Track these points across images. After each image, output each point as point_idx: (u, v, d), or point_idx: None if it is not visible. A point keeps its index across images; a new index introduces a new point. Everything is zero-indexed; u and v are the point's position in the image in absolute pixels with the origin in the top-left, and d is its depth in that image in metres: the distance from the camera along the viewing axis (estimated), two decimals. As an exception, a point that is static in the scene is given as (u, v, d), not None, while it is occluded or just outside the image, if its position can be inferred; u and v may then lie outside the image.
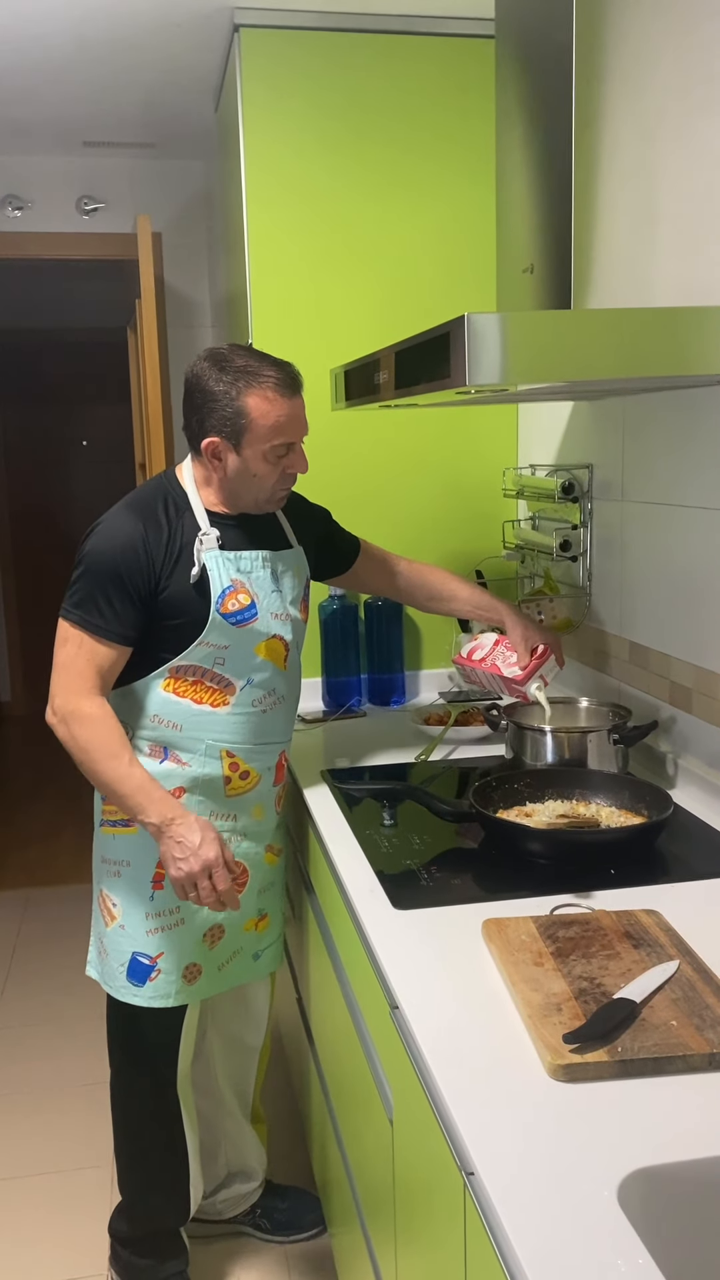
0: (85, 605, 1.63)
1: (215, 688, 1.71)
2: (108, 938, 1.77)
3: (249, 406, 1.63)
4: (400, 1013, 1.17)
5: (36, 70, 2.70)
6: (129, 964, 1.75)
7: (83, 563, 1.65)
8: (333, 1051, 1.76)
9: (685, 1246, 0.87)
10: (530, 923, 1.29)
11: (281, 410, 1.65)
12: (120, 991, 1.76)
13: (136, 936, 1.74)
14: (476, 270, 2.43)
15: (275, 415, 1.64)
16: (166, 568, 1.66)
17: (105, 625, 1.63)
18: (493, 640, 1.99)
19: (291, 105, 2.33)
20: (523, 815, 1.67)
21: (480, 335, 1.21)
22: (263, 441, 1.65)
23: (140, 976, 1.74)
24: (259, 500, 1.72)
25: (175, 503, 1.71)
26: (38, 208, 3.61)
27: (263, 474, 1.68)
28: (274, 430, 1.64)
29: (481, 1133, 0.94)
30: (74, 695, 1.63)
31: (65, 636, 1.65)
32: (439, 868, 1.53)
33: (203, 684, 1.71)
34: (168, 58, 2.62)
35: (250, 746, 1.75)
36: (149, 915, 1.73)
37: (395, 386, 1.52)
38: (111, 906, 1.76)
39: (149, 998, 1.75)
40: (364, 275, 2.41)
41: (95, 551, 1.64)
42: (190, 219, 3.72)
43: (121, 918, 1.75)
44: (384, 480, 2.50)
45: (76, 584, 1.65)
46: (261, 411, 1.63)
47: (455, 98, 2.37)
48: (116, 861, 1.75)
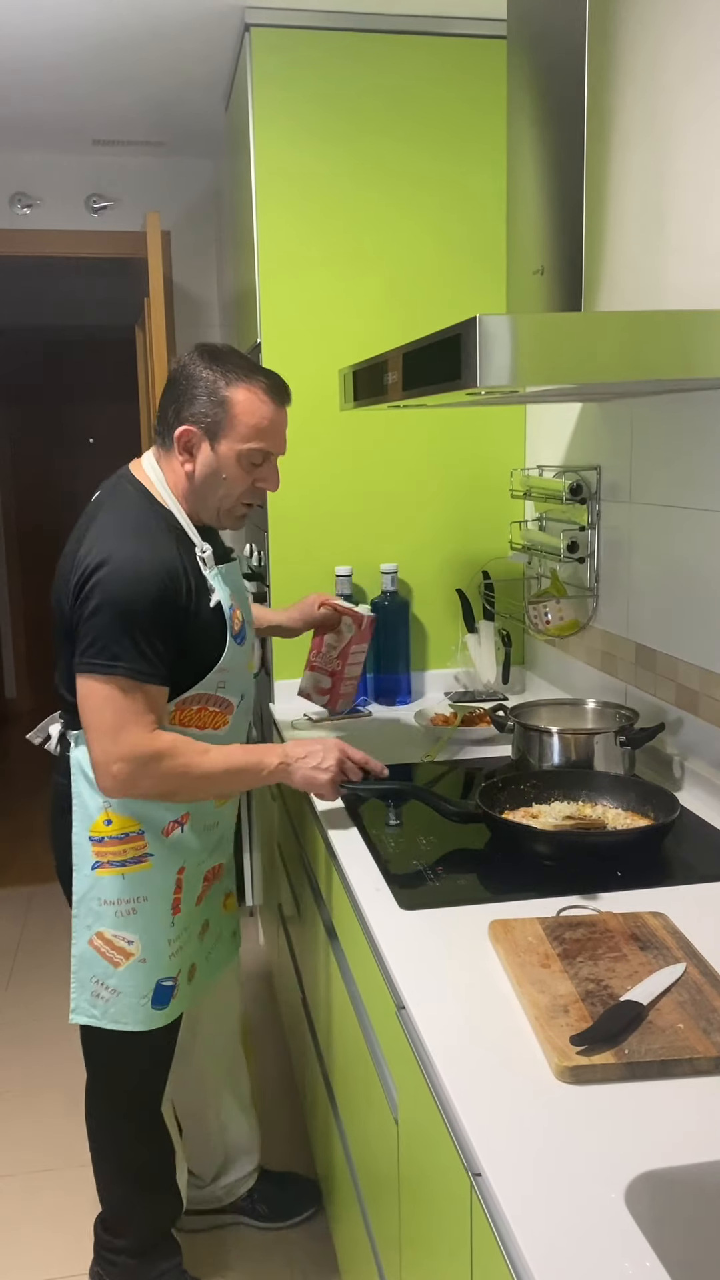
0: (124, 654, 1.50)
1: (217, 710, 1.69)
2: (119, 978, 1.69)
3: (235, 398, 1.57)
4: (407, 1013, 1.17)
5: (47, 68, 2.70)
6: (154, 993, 1.70)
7: (103, 609, 1.50)
8: (338, 1051, 1.76)
9: (693, 1249, 0.87)
10: (537, 924, 1.29)
11: (267, 412, 1.60)
12: (142, 1023, 1.70)
13: (159, 965, 1.70)
14: (486, 272, 2.43)
15: (260, 415, 1.59)
16: (191, 595, 1.59)
17: (151, 670, 1.53)
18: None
19: (302, 105, 2.33)
20: (529, 816, 1.67)
21: (491, 337, 1.21)
22: (241, 440, 1.59)
23: (164, 1000, 1.72)
24: (220, 509, 1.65)
25: (168, 522, 1.63)
26: (47, 205, 3.61)
27: (232, 478, 1.61)
28: (255, 431, 1.59)
29: (488, 1134, 0.94)
30: (143, 745, 1.53)
31: (108, 694, 1.51)
32: (445, 868, 1.53)
33: (206, 709, 1.67)
34: (178, 56, 2.62)
35: None
36: (170, 941, 1.71)
37: (404, 387, 1.52)
38: (125, 945, 1.68)
39: (170, 1015, 1.74)
40: (373, 275, 2.41)
41: (120, 593, 1.50)
42: (199, 217, 3.73)
43: (141, 952, 1.69)
44: (391, 481, 2.50)
45: (101, 633, 1.50)
46: (247, 407, 1.58)
47: (466, 98, 2.37)
48: (129, 900, 1.67)
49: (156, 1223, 1.90)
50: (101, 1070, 1.81)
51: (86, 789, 1.65)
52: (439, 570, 2.56)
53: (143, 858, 1.66)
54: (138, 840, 1.66)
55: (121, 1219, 1.89)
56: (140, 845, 1.66)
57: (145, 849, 1.66)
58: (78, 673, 1.55)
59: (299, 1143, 2.32)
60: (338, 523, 2.49)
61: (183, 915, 1.73)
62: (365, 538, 2.51)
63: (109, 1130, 1.86)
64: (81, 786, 1.66)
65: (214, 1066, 2.02)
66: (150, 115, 3.14)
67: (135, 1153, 1.86)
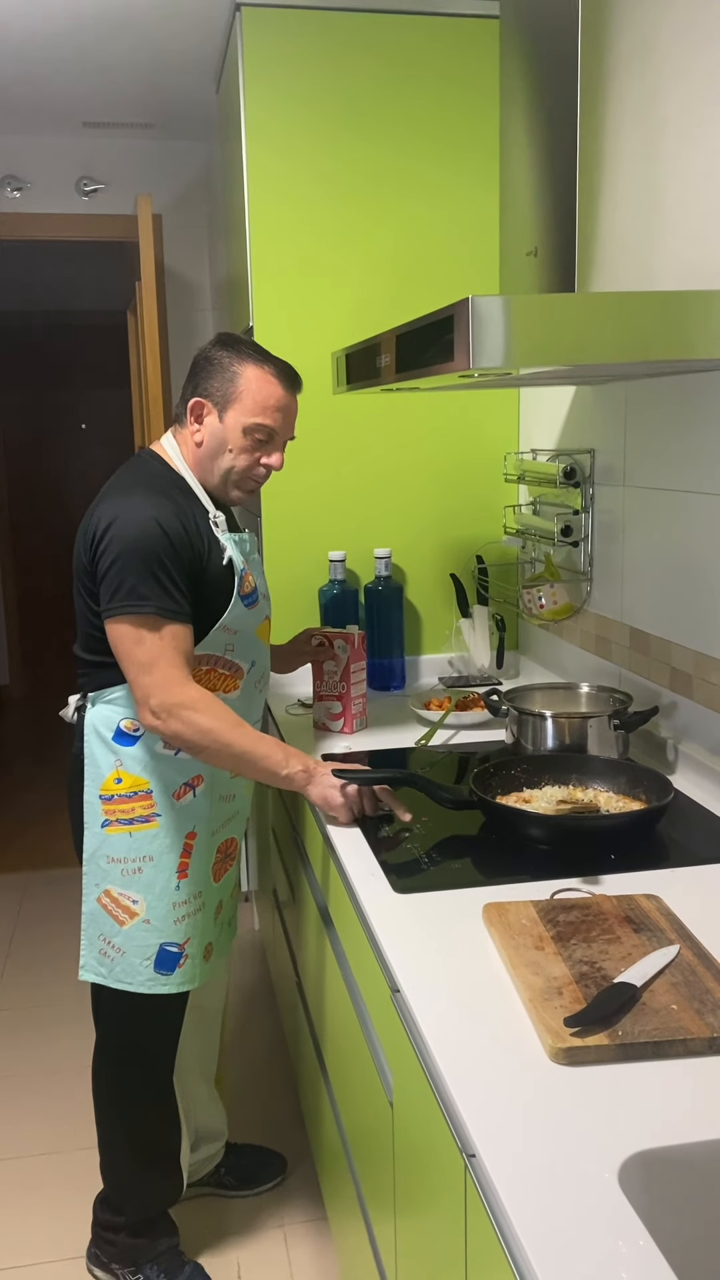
0: (150, 594, 1.57)
1: (226, 674, 1.72)
2: (124, 936, 1.73)
3: (245, 374, 1.66)
4: (401, 996, 1.17)
5: (36, 49, 2.68)
6: (156, 956, 1.73)
7: (122, 556, 1.57)
8: (332, 1034, 1.77)
9: (686, 1228, 0.87)
10: (531, 907, 1.29)
11: (274, 391, 1.67)
12: (145, 985, 1.73)
13: (164, 928, 1.73)
14: (480, 253, 2.42)
15: (267, 393, 1.67)
16: (201, 549, 1.66)
17: (177, 607, 1.59)
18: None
19: (293, 85, 2.31)
20: (521, 801, 1.67)
21: (484, 318, 1.20)
22: (247, 414, 1.66)
23: (169, 965, 1.74)
24: (225, 480, 1.72)
25: (182, 487, 1.71)
26: (37, 189, 3.58)
27: (235, 449, 1.68)
28: (260, 407, 1.66)
29: (482, 1115, 0.94)
30: (174, 687, 1.59)
31: (138, 635, 1.58)
32: (439, 852, 1.53)
33: (215, 672, 1.71)
34: (168, 37, 2.60)
35: (253, 725, 1.78)
36: (176, 905, 1.73)
37: (397, 370, 1.51)
38: (130, 904, 1.72)
39: (178, 984, 1.75)
40: (366, 257, 2.40)
41: (136, 538, 1.58)
42: (191, 200, 3.70)
43: (146, 912, 1.72)
44: (384, 465, 2.49)
45: (125, 578, 1.57)
46: (256, 384, 1.66)
47: (459, 79, 2.35)
48: (135, 858, 1.71)
49: (156, 1199, 1.91)
50: (109, 1032, 1.84)
51: (99, 748, 1.71)
52: (433, 555, 2.55)
53: (150, 817, 1.70)
54: (146, 799, 1.70)
55: (121, 1193, 1.91)
56: (149, 804, 1.70)
57: (153, 809, 1.70)
58: (107, 621, 1.61)
59: (290, 1125, 2.33)
60: (331, 507, 2.49)
61: (191, 882, 1.74)
62: (359, 522, 2.50)
63: (112, 1095, 1.88)
64: (94, 746, 1.71)
65: (189, 1049, 2.03)
66: (141, 97, 3.11)
67: (137, 1121, 1.88)
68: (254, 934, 3.13)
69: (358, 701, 2.13)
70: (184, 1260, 1.92)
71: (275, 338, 2.38)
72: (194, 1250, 2.01)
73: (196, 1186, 2.13)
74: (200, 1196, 2.14)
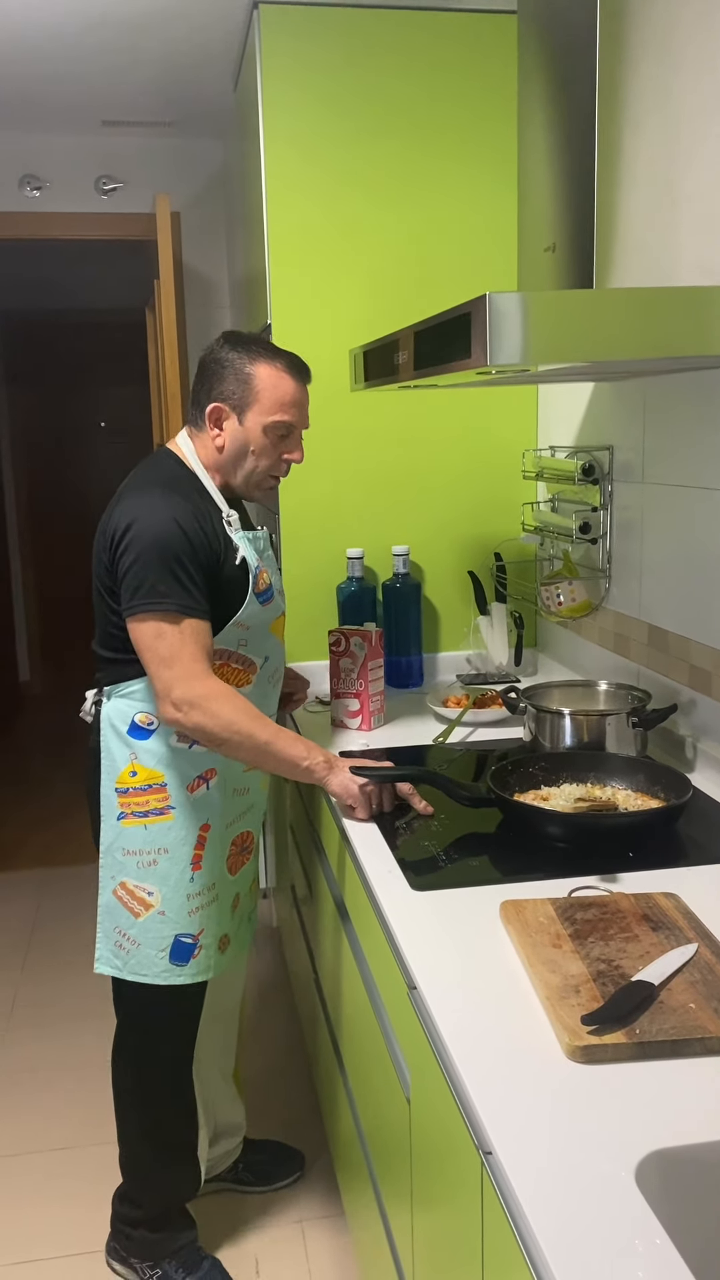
0: (170, 591, 1.60)
1: (239, 668, 1.74)
2: (139, 928, 1.74)
3: (259, 374, 1.68)
4: (418, 993, 1.17)
5: (56, 49, 2.68)
6: (171, 947, 1.74)
7: (143, 555, 1.60)
8: (349, 1030, 1.77)
9: (703, 1228, 0.87)
10: (548, 905, 1.29)
11: (289, 387, 1.70)
12: (160, 976, 1.75)
13: (179, 919, 1.74)
14: (498, 250, 2.41)
15: (282, 390, 1.69)
16: (218, 548, 1.68)
17: (195, 604, 1.62)
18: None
19: (311, 82, 2.31)
20: (539, 799, 1.66)
21: (502, 315, 1.20)
22: (266, 413, 1.69)
23: (184, 956, 1.75)
24: (249, 481, 1.75)
25: (197, 487, 1.73)
26: (56, 188, 3.59)
27: (259, 450, 1.71)
28: (278, 405, 1.69)
29: (499, 1113, 0.94)
30: (196, 681, 1.60)
31: (159, 630, 1.60)
32: (456, 850, 1.53)
33: (229, 666, 1.73)
34: (186, 35, 2.60)
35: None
36: (190, 896, 1.75)
37: (415, 367, 1.51)
38: (146, 896, 1.74)
39: (193, 974, 1.77)
40: (385, 255, 2.39)
41: (156, 537, 1.60)
42: (208, 198, 3.71)
43: (161, 904, 1.74)
44: (403, 462, 2.49)
45: (145, 576, 1.60)
46: (270, 383, 1.68)
47: (477, 75, 2.35)
48: (150, 851, 1.73)
49: (174, 1192, 1.93)
50: (127, 1025, 1.86)
51: (115, 741, 1.73)
52: (451, 552, 2.55)
53: (164, 810, 1.72)
54: (160, 792, 1.72)
55: (140, 1186, 1.92)
56: (163, 797, 1.72)
57: (168, 801, 1.72)
58: (129, 618, 1.63)
59: (307, 1120, 2.34)
60: (349, 505, 2.49)
61: (205, 873, 1.76)
62: (377, 520, 2.50)
63: (131, 1088, 1.90)
64: (110, 739, 1.73)
65: (208, 1045, 2.04)
66: (159, 95, 3.12)
67: (154, 1114, 1.89)
68: (272, 930, 3.14)
69: (375, 699, 2.13)
70: (202, 1255, 1.93)
71: (293, 335, 2.39)
72: (212, 1245, 2.02)
73: (214, 1182, 2.14)
74: (218, 1192, 2.15)
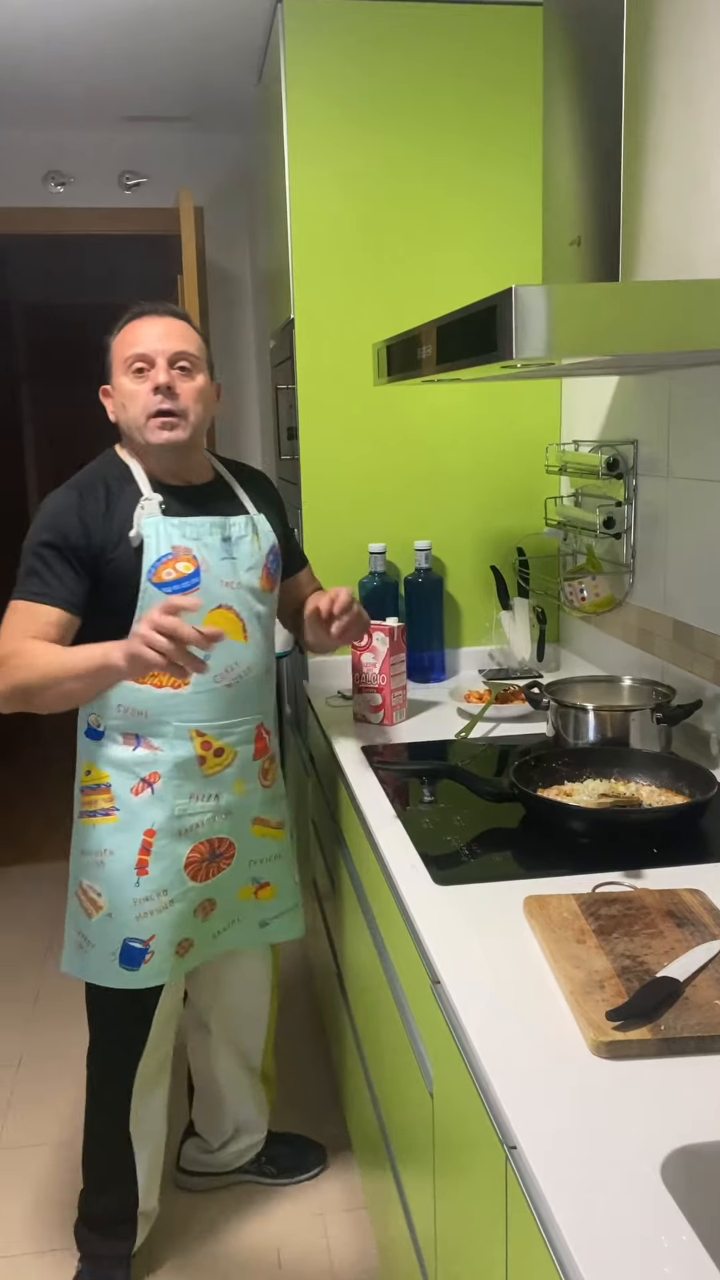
0: (28, 578, 1.64)
1: None
2: (93, 929, 1.76)
3: (113, 342, 1.72)
4: (442, 987, 1.17)
5: (78, 44, 2.69)
6: (120, 950, 1.74)
7: (22, 549, 1.66)
8: (372, 1024, 1.77)
9: (729, 1224, 0.87)
10: (572, 900, 1.29)
11: (130, 328, 1.70)
12: (113, 979, 1.75)
13: (126, 923, 1.73)
14: (523, 244, 2.40)
15: (125, 336, 1.70)
16: (111, 538, 1.66)
17: (46, 590, 1.64)
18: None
19: (335, 76, 2.31)
20: (562, 794, 1.66)
21: (527, 308, 1.19)
22: (121, 362, 1.69)
23: (134, 961, 1.74)
24: (142, 435, 1.69)
25: (119, 475, 1.73)
26: (79, 183, 3.61)
27: (129, 393, 1.68)
28: (126, 346, 1.69)
29: (524, 1107, 0.94)
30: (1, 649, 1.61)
31: (7, 616, 1.66)
32: (479, 845, 1.53)
33: None
34: (209, 29, 2.60)
35: (220, 724, 1.74)
36: (136, 901, 1.73)
37: (439, 361, 1.51)
38: (96, 897, 1.75)
39: (144, 980, 1.75)
40: (409, 248, 2.39)
41: (33, 528, 1.66)
42: (231, 193, 3.71)
43: (108, 907, 1.74)
44: (425, 457, 2.49)
45: (19, 565, 1.66)
46: (118, 339, 1.71)
47: (502, 68, 2.33)
48: (98, 852, 1.75)
49: (98, 1200, 1.92)
50: (92, 1028, 1.86)
51: (80, 741, 1.77)
52: (473, 547, 2.54)
53: (110, 811, 1.74)
54: (106, 793, 1.74)
55: (85, 1181, 1.93)
56: (109, 798, 1.74)
57: (113, 803, 1.74)
58: None
59: (328, 1113, 2.34)
60: (371, 499, 2.49)
61: (154, 879, 1.73)
62: (399, 514, 2.50)
63: (89, 1097, 1.90)
64: (79, 738, 1.78)
65: (230, 1045, 2.04)
66: (181, 90, 3.12)
67: (93, 1118, 1.90)
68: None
69: (398, 693, 2.13)
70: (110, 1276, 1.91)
71: (317, 329, 2.39)
72: (233, 1236, 2.03)
73: (237, 1174, 2.15)
74: (241, 1184, 2.16)
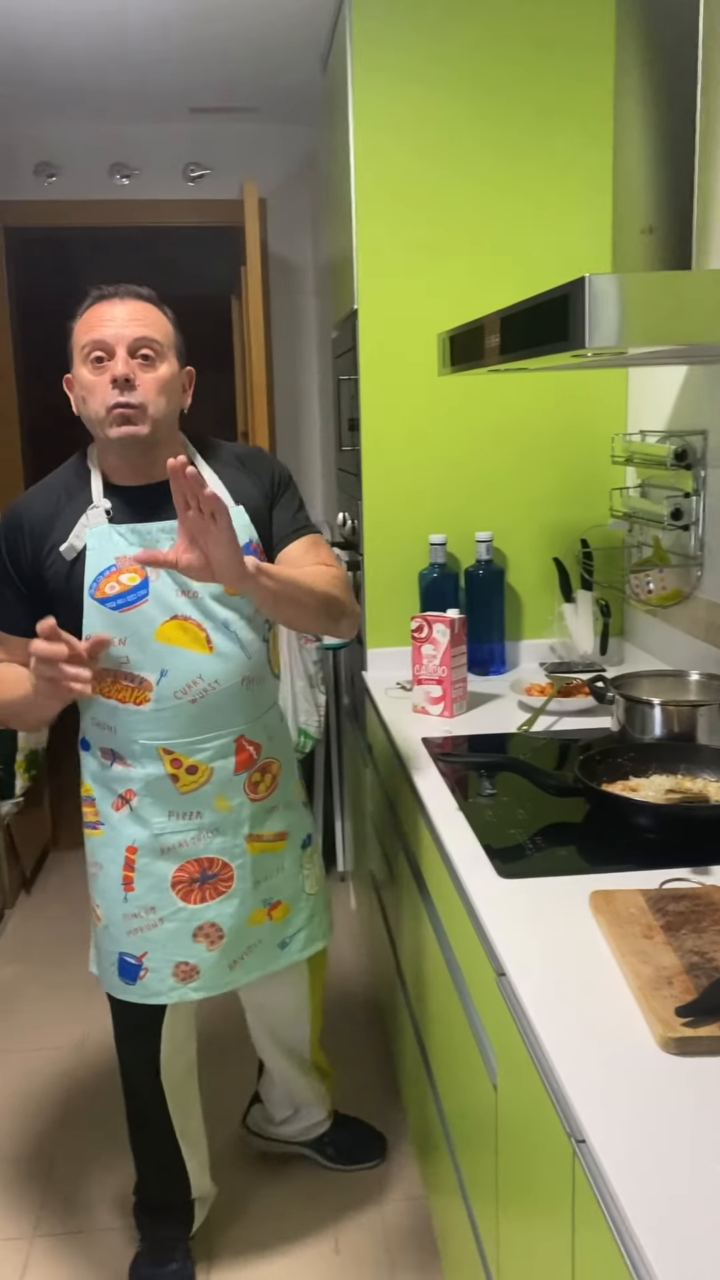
0: None
1: (131, 685, 1.60)
2: (97, 937, 1.79)
3: (74, 326, 1.59)
4: (507, 979, 1.17)
5: (144, 38, 2.71)
6: (118, 963, 1.74)
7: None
8: (433, 1016, 1.77)
9: None
10: (639, 896, 1.28)
11: (94, 313, 1.57)
12: (116, 989, 1.76)
13: (119, 937, 1.73)
14: (589, 233, 2.37)
15: (88, 318, 1.57)
16: (51, 549, 1.59)
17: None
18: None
19: (402, 63, 2.29)
20: (628, 789, 1.64)
21: (601, 297, 1.18)
22: (79, 349, 1.56)
23: (130, 975, 1.74)
24: (101, 429, 1.57)
25: (78, 479, 1.64)
26: (145, 175, 3.64)
27: (88, 384, 1.55)
28: (83, 333, 1.56)
29: (591, 1101, 0.94)
30: None
31: None
32: (543, 838, 1.52)
33: (118, 683, 1.60)
34: (276, 20, 2.61)
35: (188, 741, 1.63)
36: (126, 916, 1.72)
37: (507, 350, 1.49)
38: (95, 907, 1.77)
39: (140, 995, 1.74)
40: (475, 238, 2.37)
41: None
42: (294, 183, 3.72)
43: (105, 919, 1.75)
44: (487, 447, 2.47)
45: None
46: (79, 323, 1.58)
47: (574, 52, 2.30)
48: (93, 864, 1.76)
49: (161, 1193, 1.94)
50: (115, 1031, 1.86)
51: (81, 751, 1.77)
52: (536, 538, 2.52)
53: (96, 825, 1.74)
54: (92, 806, 1.74)
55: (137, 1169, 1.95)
56: (95, 812, 1.74)
57: (98, 817, 1.73)
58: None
59: (387, 1102, 2.35)
60: (432, 490, 2.48)
61: (140, 896, 1.70)
62: (460, 505, 2.49)
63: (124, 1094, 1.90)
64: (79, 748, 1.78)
65: (276, 1044, 2.04)
66: (247, 82, 3.13)
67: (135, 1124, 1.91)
68: (350, 915, 3.16)
69: (458, 685, 2.13)
70: (172, 1256, 1.92)
71: (380, 320, 2.38)
72: (290, 1223, 2.04)
73: (297, 1146, 2.19)
74: (301, 1166, 2.18)
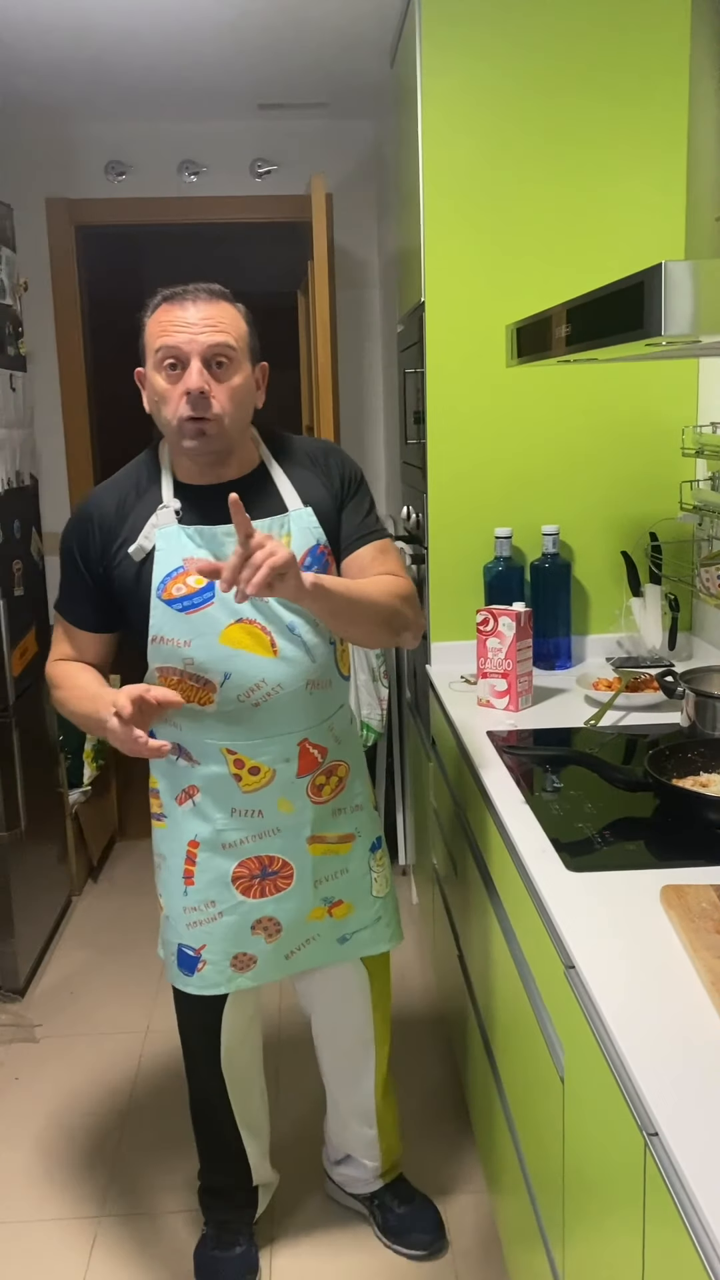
0: (61, 586, 1.68)
1: (196, 685, 1.60)
2: (161, 926, 1.80)
3: (146, 324, 1.56)
4: (576, 972, 1.17)
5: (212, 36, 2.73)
6: (177, 954, 1.75)
7: None
8: (498, 1008, 1.77)
9: None
10: (711, 891, 1.26)
11: (159, 315, 1.54)
12: (177, 979, 1.77)
13: (179, 929, 1.74)
14: (659, 222, 2.34)
15: (154, 323, 1.54)
16: (120, 548, 1.59)
17: (68, 606, 1.68)
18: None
19: (471, 54, 2.28)
20: (698, 785, 1.62)
21: (677, 284, 1.17)
22: (151, 352, 1.53)
23: (189, 967, 1.74)
24: (175, 440, 1.56)
25: (150, 476, 1.63)
26: (213, 172, 3.67)
27: (161, 391, 1.53)
28: (154, 335, 1.53)
29: (664, 1094, 0.93)
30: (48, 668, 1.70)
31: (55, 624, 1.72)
32: (612, 832, 1.51)
33: (184, 682, 1.60)
34: (344, 15, 2.61)
35: (252, 743, 1.62)
36: (186, 909, 1.72)
37: (580, 340, 1.48)
38: (159, 898, 1.79)
39: (198, 986, 1.75)
40: (543, 228, 2.35)
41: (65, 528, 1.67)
42: (358, 177, 3.72)
43: (166, 909, 1.76)
44: (554, 440, 2.45)
45: None
46: (150, 320, 1.55)
47: (645, 42, 2.27)
48: (157, 854, 1.77)
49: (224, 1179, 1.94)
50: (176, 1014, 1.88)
51: None
52: (603, 532, 2.50)
53: (160, 816, 1.75)
54: (158, 798, 1.75)
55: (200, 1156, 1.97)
56: (159, 804, 1.75)
57: (162, 809, 1.75)
58: None
59: (450, 1095, 2.35)
60: (498, 483, 2.47)
61: (200, 890, 1.70)
62: (526, 498, 2.48)
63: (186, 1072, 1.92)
64: None
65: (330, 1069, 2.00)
66: (314, 77, 3.14)
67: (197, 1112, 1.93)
68: (412, 908, 3.16)
69: (523, 679, 2.12)
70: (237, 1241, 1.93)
71: (448, 312, 2.37)
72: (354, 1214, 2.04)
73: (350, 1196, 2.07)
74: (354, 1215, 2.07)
